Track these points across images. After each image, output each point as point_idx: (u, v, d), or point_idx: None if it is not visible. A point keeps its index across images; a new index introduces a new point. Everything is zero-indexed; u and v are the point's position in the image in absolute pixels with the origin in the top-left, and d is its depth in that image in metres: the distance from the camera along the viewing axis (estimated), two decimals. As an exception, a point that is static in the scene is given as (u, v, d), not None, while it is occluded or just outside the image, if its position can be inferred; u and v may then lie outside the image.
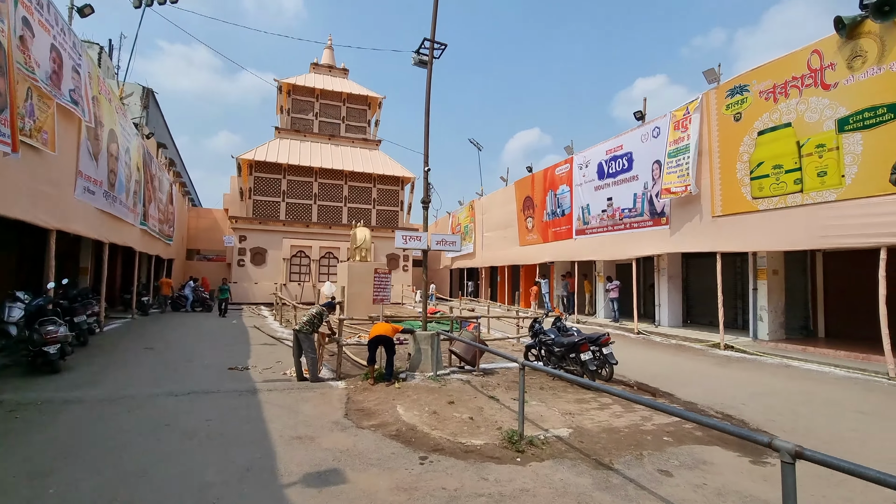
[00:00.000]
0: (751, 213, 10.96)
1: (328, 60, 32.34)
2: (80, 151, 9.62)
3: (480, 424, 5.53)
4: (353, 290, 16.27)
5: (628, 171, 14.96)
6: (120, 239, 13.31)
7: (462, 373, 8.28)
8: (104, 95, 11.07)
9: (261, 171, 26.24)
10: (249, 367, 8.31)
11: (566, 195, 18.40)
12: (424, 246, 8.06)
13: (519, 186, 22.49)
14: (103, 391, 6.24)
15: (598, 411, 6.35)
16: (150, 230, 16.87)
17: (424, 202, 8.34)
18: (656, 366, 9.70)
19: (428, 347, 7.85)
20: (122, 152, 12.75)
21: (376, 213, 28.59)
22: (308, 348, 7.25)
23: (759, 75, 10.73)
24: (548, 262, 20.78)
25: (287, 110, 28.76)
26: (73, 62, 8.96)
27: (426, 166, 8.40)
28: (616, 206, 15.56)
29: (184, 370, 7.82)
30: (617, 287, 16.34)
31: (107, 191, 11.16)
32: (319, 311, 7.51)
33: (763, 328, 11.87)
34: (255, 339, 11.91)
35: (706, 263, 15.10)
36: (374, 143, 30.43)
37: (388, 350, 7.24)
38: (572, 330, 8.88)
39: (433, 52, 8.86)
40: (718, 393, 7.50)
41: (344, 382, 7.36)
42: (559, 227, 18.98)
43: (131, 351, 9.53)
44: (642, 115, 14.53)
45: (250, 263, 25.44)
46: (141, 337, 11.56)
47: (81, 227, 10.05)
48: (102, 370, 7.55)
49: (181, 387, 6.65)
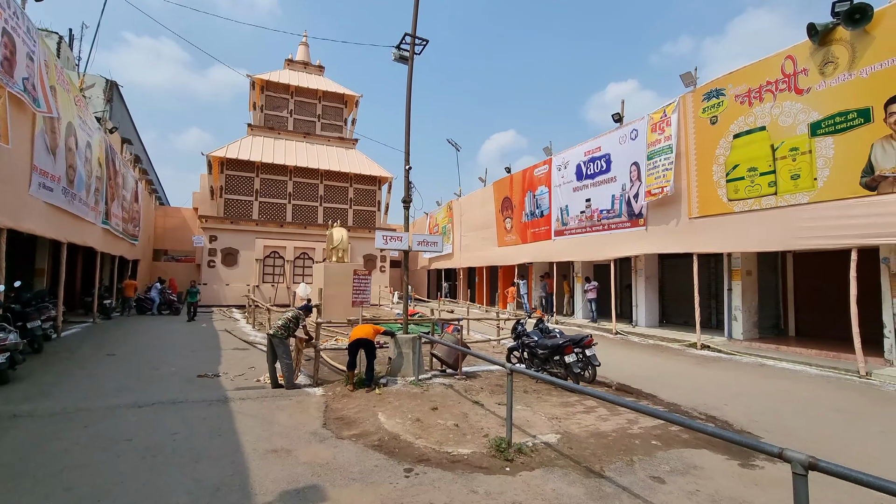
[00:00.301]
0: (727, 214, 11.15)
1: (303, 57, 31.62)
2: (36, 145, 8.97)
3: (466, 432, 5.33)
4: (330, 291, 15.83)
5: (606, 172, 15.07)
6: (80, 238, 12.55)
7: (444, 377, 8.07)
8: (62, 86, 10.38)
9: (233, 168, 25.40)
10: (220, 373, 7.89)
11: (545, 196, 18.44)
12: (405, 246, 7.82)
13: (497, 187, 22.45)
14: (57, 403, 5.75)
15: (585, 415, 6.25)
16: (113, 229, 16.02)
17: (405, 201, 8.10)
18: (636, 366, 9.73)
19: (409, 351, 7.61)
20: (83, 147, 12.02)
21: (353, 214, 28.10)
22: (283, 354, 6.91)
23: (734, 79, 10.93)
24: (526, 262, 20.80)
25: (260, 107, 27.97)
26: (28, 49, 8.33)
27: (407, 164, 8.16)
28: (594, 208, 15.66)
29: (148, 378, 7.35)
30: (595, 288, 16.45)
31: (65, 187, 10.46)
32: (295, 314, 7.17)
33: (738, 328, 12.10)
34: (226, 343, 11.40)
35: (681, 264, 15.36)
36: (350, 141, 29.92)
37: (369, 354, 6.97)
38: (555, 331, 8.79)
39: (414, 47, 8.63)
40: (700, 393, 7.53)
41: (322, 389, 7.05)
42: (538, 228, 19.01)
43: (91, 358, 8.94)
44: (620, 118, 14.65)
45: (221, 264, 24.58)
46: (102, 342, 10.90)
47: (36, 226, 9.37)
48: (58, 380, 7.01)
49: (145, 397, 6.22)
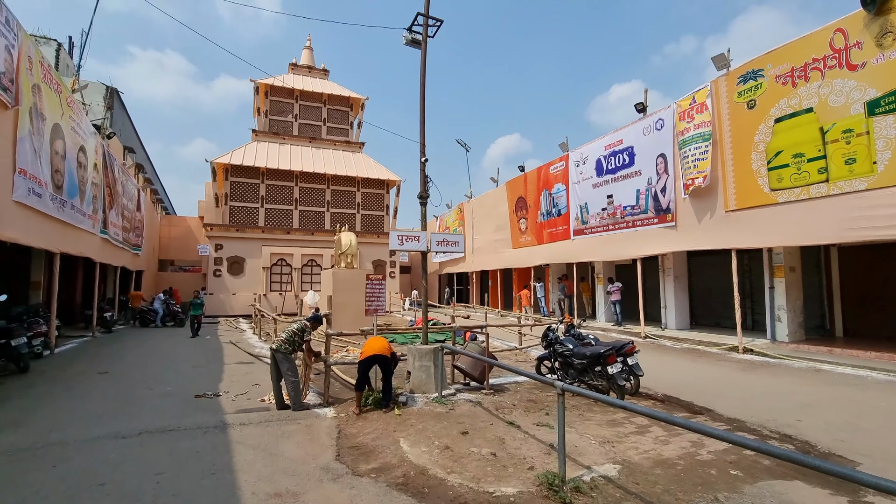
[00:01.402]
0: (769, 206, 10.21)
1: (308, 61, 31.10)
2: (20, 146, 8.29)
3: (506, 463, 4.47)
4: (340, 299, 15.06)
5: (630, 166, 14.18)
6: (74, 248, 11.87)
7: (469, 391, 7.21)
8: (49, 85, 9.73)
9: (237, 175, 24.79)
10: (220, 392, 7.09)
11: (562, 194, 17.56)
12: (424, 247, 6.99)
13: (510, 187, 21.61)
14: (27, 435, 4.97)
15: (639, 436, 5.36)
16: (112, 239, 15.38)
17: (422, 197, 7.28)
18: (677, 374, 8.80)
19: (430, 364, 6.76)
20: (74, 151, 11.36)
21: (361, 218, 27.37)
22: (287, 371, 6.09)
23: (774, 59, 10.03)
24: (543, 264, 19.90)
25: (265, 112, 27.41)
26: (7, 42, 7.66)
27: (423, 156, 7.35)
28: (617, 204, 14.75)
29: (140, 400, 6.56)
30: (619, 289, 15.51)
31: (53, 193, 9.78)
32: (301, 326, 6.35)
33: (782, 329, 11.11)
34: (229, 356, 10.62)
35: (711, 262, 14.38)
36: (357, 145, 29.25)
37: (385, 371, 6.13)
38: (588, 338, 7.91)
39: (427, 28, 7.85)
40: (760, 406, 6.60)
41: (333, 409, 6.21)
42: (555, 228, 18.12)
43: (81, 377, 8.18)
44: (644, 107, 13.78)
45: (227, 273, 23.90)
46: (97, 358, 10.16)
47: (20, 235, 8.67)
48: (36, 404, 6.24)
49: (132, 424, 5.42)
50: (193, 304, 15.25)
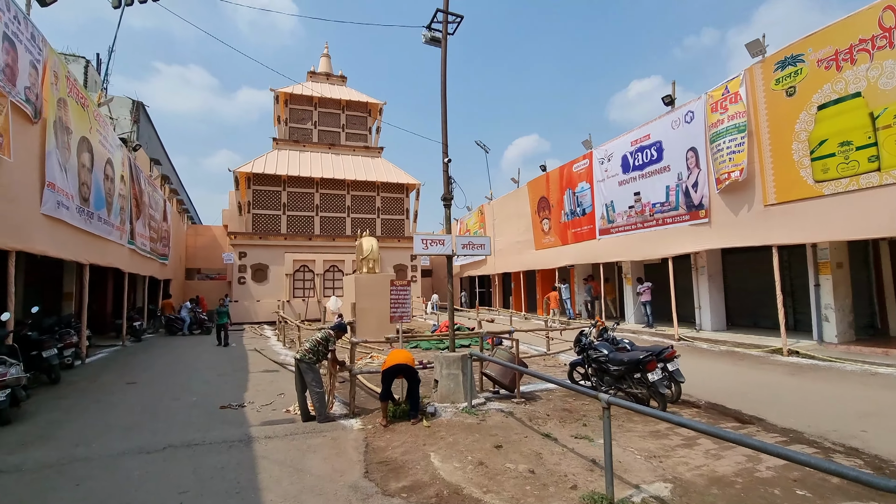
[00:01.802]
0: (813, 198, 9.59)
1: (325, 68, 31.38)
2: (47, 160, 8.40)
3: (546, 481, 4.15)
4: (363, 304, 14.93)
5: (658, 161, 13.65)
6: (103, 259, 12.05)
7: (499, 399, 6.90)
8: (75, 99, 9.88)
9: (259, 183, 25.10)
10: (246, 403, 6.97)
11: (586, 193, 17.09)
12: (449, 251, 6.74)
13: (532, 187, 21.20)
14: (54, 451, 4.90)
15: (687, 450, 4.96)
16: (140, 249, 15.63)
17: (446, 199, 7.03)
18: (718, 379, 8.30)
19: (459, 373, 6.48)
20: (101, 164, 11.54)
21: (381, 223, 27.36)
22: (312, 381, 5.91)
23: (816, 42, 9.44)
24: (567, 265, 19.41)
25: (285, 120, 27.71)
26: (32, 57, 7.77)
27: (446, 157, 7.11)
28: (645, 201, 14.22)
29: (166, 412, 6.48)
30: (648, 289, 14.94)
31: (80, 206, 9.91)
32: (325, 335, 6.17)
33: (830, 329, 10.43)
34: (254, 365, 10.57)
35: (748, 259, 13.71)
36: (376, 150, 29.30)
37: (411, 381, 5.88)
38: (624, 342, 7.51)
39: (447, 25, 7.62)
40: (817, 414, 6.09)
41: (360, 421, 6.00)
42: (580, 228, 17.63)
43: (109, 387, 8.20)
44: (672, 100, 13.25)
45: (251, 280, 24.17)
46: (126, 368, 10.24)
47: (50, 247, 8.78)
48: (65, 417, 6.22)
49: (157, 438, 5.31)
50: (219, 312, 15.05)
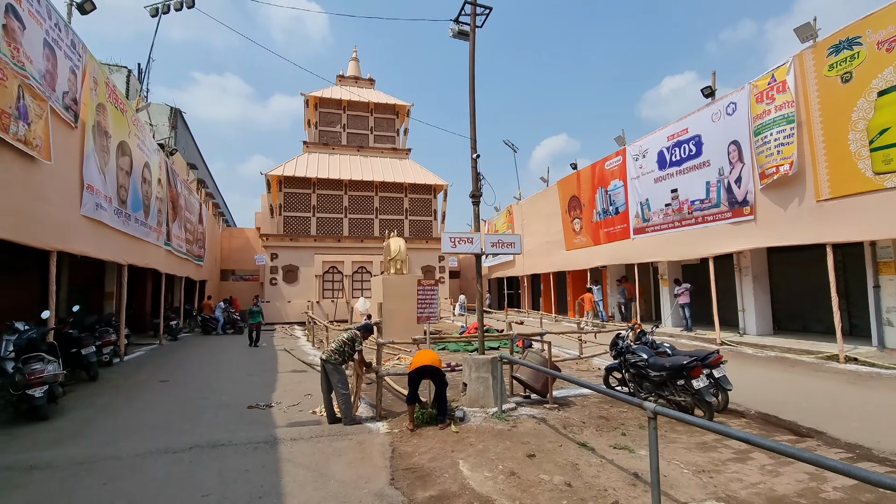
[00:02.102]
0: (873, 192, 8.84)
1: (354, 72, 31.72)
2: (86, 163, 8.66)
3: (584, 495, 3.85)
4: (391, 305, 14.86)
5: (697, 156, 12.98)
6: (140, 260, 12.42)
7: (531, 405, 6.60)
8: (114, 104, 10.19)
9: (290, 186, 25.55)
10: (273, 403, 6.93)
11: (619, 191, 16.49)
12: (477, 249, 6.50)
13: (563, 186, 20.68)
14: (85, 448, 4.93)
15: (739, 464, 4.55)
16: (176, 251, 16.08)
17: (474, 196, 6.80)
18: (769, 387, 7.72)
19: (488, 376, 6.23)
20: (139, 167, 11.89)
21: (409, 224, 27.38)
22: (338, 383, 5.78)
23: (875, 22, 8.70)
24: (600, 266, 18.80)
25: (315, 124, 28.15)
26: (72, 63, 8.02)
27: (474, 153, 6.88)
28: (683, 199, 13.56)
29: (194, 411, 6.50)
30: (687, 290, 14.24)
31: (118, 208, 10.20)
32: (351, 335, 6.03)
33: (893, 334, 9.60)
34: (283, 365, 10.62)
35: (796, 259, 12.86)
36: (403, 151, 29.38)
37: (439, 384, 5.67)
38: (664, 346, 7.07)
39: (475, 17, 7.40)
40: (886, 428, 5.51)
41: (386, 424, 5.82)
42: (613, 227, 17.03)
43: (144, 385, 8.36)
44: (712, 92, 12.57)
45: (282, 281, 24.60)
46: (161, 367, 10.46)
47: (90, 248, 9.06)
48: (98, 414, 6.32)
49: (184, 438, 5.28)
50: (252, 312, 15.02)
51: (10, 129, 5.91)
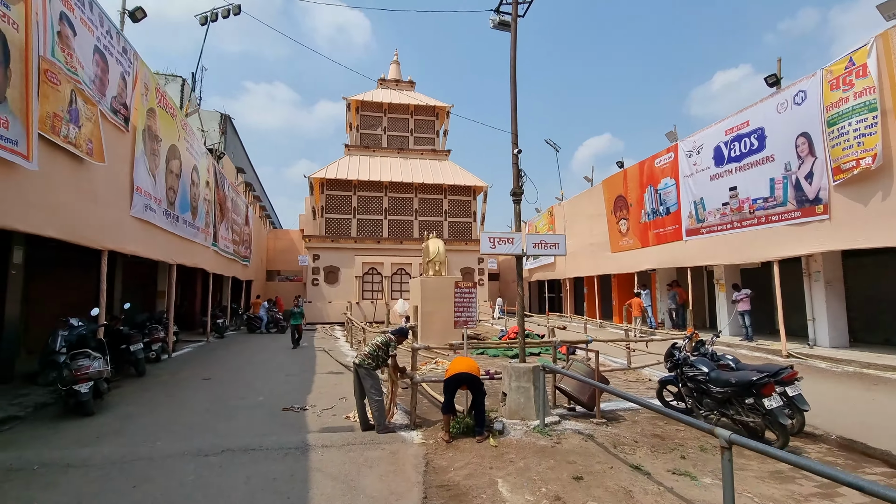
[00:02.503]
0: (978, 187, 7.69)
1: (395, 75, 31.99)
2: (136, 165, 8.97)
3: (641, 530, 3.38)
4: (428, 308, 14.64)
5: (759, 151, 11.93)
6: (189, 260, 12.83)
7: (576, 418, 6.12)
8: (164, 109, 10.55)
9: (332, 188, 25.99)
10: (307, 406, 6.81)
11: (670, 190, 15.51)
12: (518, 250, 6.11)
13: (608, 185, 19.78)
14: (122, 447, 4.95)
15: (826, 500, 3.91)
16: (222, 251, 16.58)
17: (515, 194, 6.41)
18: (851, 408, 6.82)
19: (530, 386, 5.81)
20: (188, 170, 12.29)
21: (448, 226, 27.17)
22: (371, 388, 5.55)
23: (980, -9, 7.58)
24: (648, 269, 17.80)
25: (356, 127, 28.54)
26: (122, 69, 8.31)
27: (515, 148, 6.49)
28: (744, 197, 12.50)
29: (230, 412, 6.48)
30: (747, 297, 13.12)
31: (166, 209, 10.54)
32: (385, 339, 5.80)
33: None
34: (321, 365, 10.60)
35: (876, 263, 11.56)
36: (443, 153, 29.26)
37: (476, 392, 5.32)
38: (726, 358, 6.39)
39: (517, 6, 7.02)
40: None
41: (421, 434, 5.54)
42: (663, 229, 16.05)
43: (187, 382, 8.52)
44: (777, 80, 11.51)
45: (324, 282, 25.02)
46: (205, 364, 10.71)
47: (140, 248, 9.37)
48: (140, 411, 6.42)
49: (217, 440, 5.21)
50: (293, 313, 14.56)
51: (61, 132, 6.12)
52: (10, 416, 5.96)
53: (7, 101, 5.19)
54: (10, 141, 5.15)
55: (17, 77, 5.36)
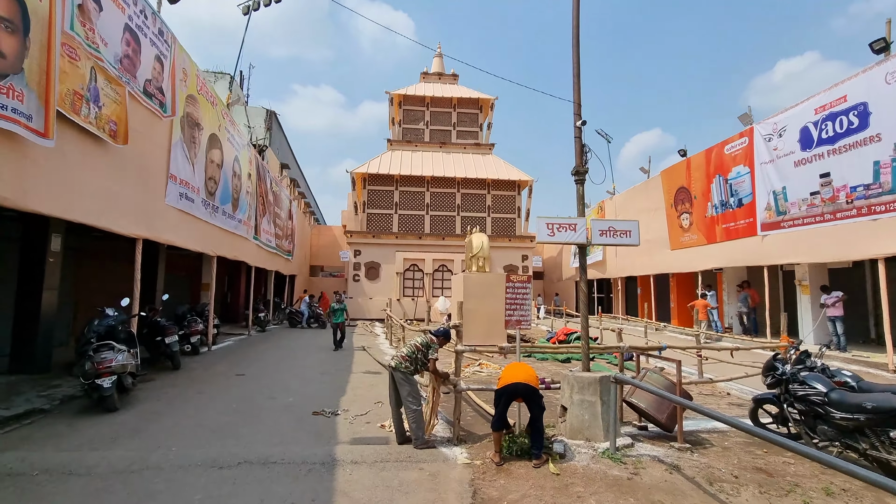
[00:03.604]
0: None
1: (438, 69, 31.35)
2: (173, 152, 8.70)
3: None
4: (471, 305, 13.78)
5: (861, 130, 10.22)
6: (230, 252, 12.67)
7: (650, 440, 5.10)
8: (204, 97, 10.32)
9: (374, 183, 25.70)
10: (340, 410, 6.17)
11: (744, 179, 13.84)
12: (582, 238, 5.17)
13: (668, 177, 18.17)
14: (134, 451, 4.45)
15: None
16: (264, 245, 16.48)
17: (578, 173, 5.46)
18: None
19: (596, 400, 4.86)
20: (229, 161, 12.10)
21: (491, 221, 26.23)
22: (408, 396, 4.79)
23: None
24: (714, 268, 16.11)
25: (398, 122, 28.14)
26: (158, 51, 8.02)
27: (579, 119, 5.53)
28: (839, 185, 10.80)
29: (257, 413, 5.94)
30: (839, 300, 11.38)
31: (205, 199, 10.30)
32: (425, 341, 5.02)
33: None
34: (358, 364, 10.04)
35: None
36: (486, 147, 28.33)
37: (534, 406, 4.44)
38: (842, 375, 5.15)
39: (579, -44, 6.04)
40: None
41: (465, 451, 4.73)
42: (734, 223, 14.39)
43: (219, 378, 8.15)
44: (886, 45, 9.77)
45: (365, 278, 24.77)
46: (242, 359, 10.41)
47: (177, 238, 9.13)
48: (165, 408, 5.99)
49: (237, 449, 4.63)
50: (334, 310, 12.65)
51: (81, 110, 5.78)
52: (36, 408, 5.70)
53: (24, 72, 4.84)
54: (24, 115, 4.79)
55: (37, 48, 5.02)
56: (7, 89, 4.70)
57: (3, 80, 4.68)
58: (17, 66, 4.78)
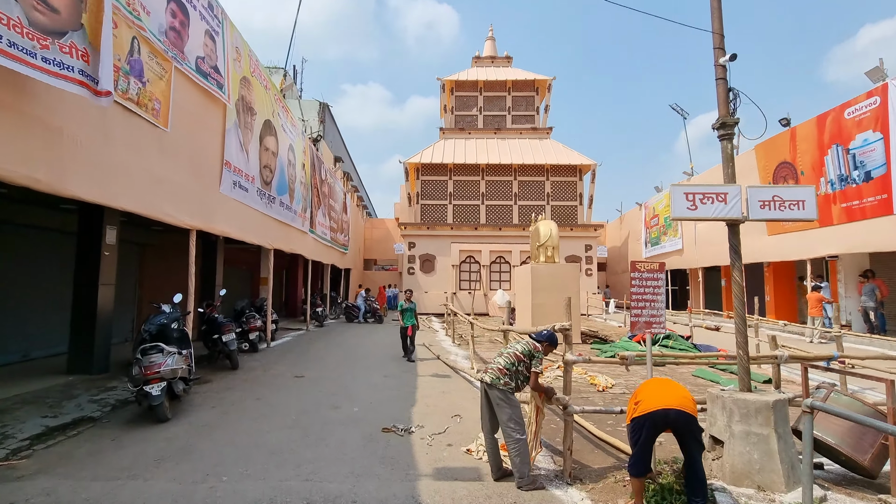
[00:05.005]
0: None
1: (490, 52, 29.99)
2: (227, 138, 8.10)
3: None
4: (539, 299, 12.58)
5: None
6: (287, 245, 12.17)
7: (841, 486, 3.70)
8: (258, 80, 9.72)
9: (427, 174, 24.86)
10: (413, 427, 5.19)
11: (874, 147, 11.53)
12: (737, 212, 3.83)
13: (764, 151, 15.83)
14: (175, 483, 3.64)
15: None
16: (320, 238, 16.01)
17: (724, 125, 4.10)
18: None
19: (770, 433, 3.52)
20: (284, 149, 11.53)
21: (551, 209, 24.62)
22: (509, 421, 3.69)
23: None
24: (827, 255, 13.79)
25: (451, 109, 27.08)
26: (209, 27, 7.38)
27: (723, 55, 4.15)
28: None
29: (319, 429, 5.07)
30: None
31: (261, 189, 9.73)
32: (528, 348, 3.89)
33: None
34: (423, 366, 9.11)
35: None
36: (544, 130, 26.64)
37: (691, 443, 3.19)
38: None
39: None
40: None
41: (586, 495, 3.57)
42: (858, 201, 12.09)
43: (278, 380, 7.47)
44: None
45: (420, 271, 24.03)
46: (301, 356, 9.81)
47: (232, 229, 8.57)
48: (219, 421, 5.27)
49: (296, 482, 3.73)
50: (403, 309, 10.03)
51: (119, 85, 5.11)
52: (86, 416, 5.17)
53: (85, 28, 4.20)
54: (92, 79, 4.17)
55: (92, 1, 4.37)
56: (69, 47, 4.09)
57: (62, 37, 4.07)
58: (75, 22, 4.17)
